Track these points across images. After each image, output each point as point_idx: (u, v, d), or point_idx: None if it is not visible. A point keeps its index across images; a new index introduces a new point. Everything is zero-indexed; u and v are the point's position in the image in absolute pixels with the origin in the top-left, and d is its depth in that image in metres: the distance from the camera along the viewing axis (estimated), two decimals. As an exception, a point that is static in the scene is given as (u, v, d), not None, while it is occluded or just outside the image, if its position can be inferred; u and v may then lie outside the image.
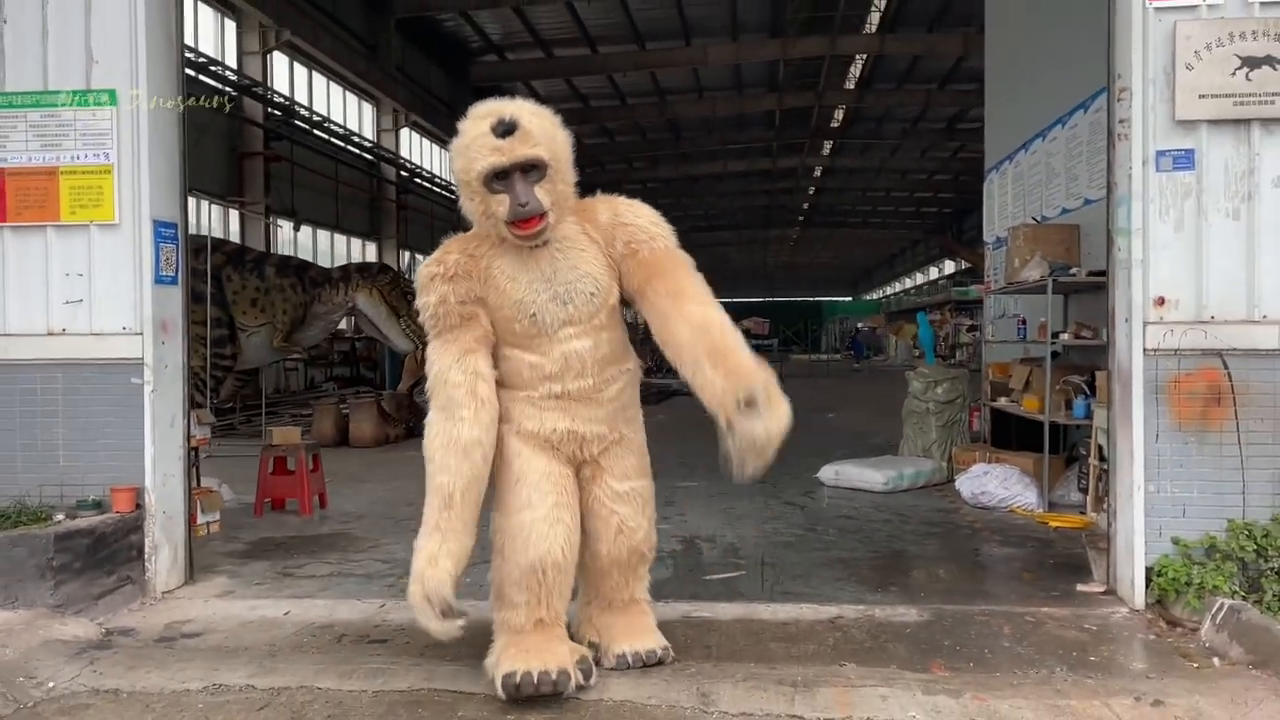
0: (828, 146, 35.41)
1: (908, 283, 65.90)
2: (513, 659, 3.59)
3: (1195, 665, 4.07)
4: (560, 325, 3.56)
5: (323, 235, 23.39)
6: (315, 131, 21.60)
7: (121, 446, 5.09)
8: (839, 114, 31.46)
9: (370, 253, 25.43)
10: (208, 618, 4.82)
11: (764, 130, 32.67)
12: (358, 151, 24.03)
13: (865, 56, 25.73)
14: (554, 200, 3.47)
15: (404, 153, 26.68)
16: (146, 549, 5.08)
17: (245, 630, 4.63)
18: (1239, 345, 4.68)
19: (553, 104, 3.35)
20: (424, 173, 27.92)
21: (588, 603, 4.03)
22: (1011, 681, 3.90)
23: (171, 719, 3.64)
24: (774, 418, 3.26)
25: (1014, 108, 10.52)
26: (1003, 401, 8.78)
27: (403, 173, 26.51)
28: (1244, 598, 4.42)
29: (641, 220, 3.65)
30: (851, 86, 28.42)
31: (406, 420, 13.33)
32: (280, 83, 20.56)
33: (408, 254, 26.93)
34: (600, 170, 40.17)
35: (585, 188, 3.76)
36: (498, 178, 3.38)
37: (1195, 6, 4.71)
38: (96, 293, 5.12)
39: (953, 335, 31.72)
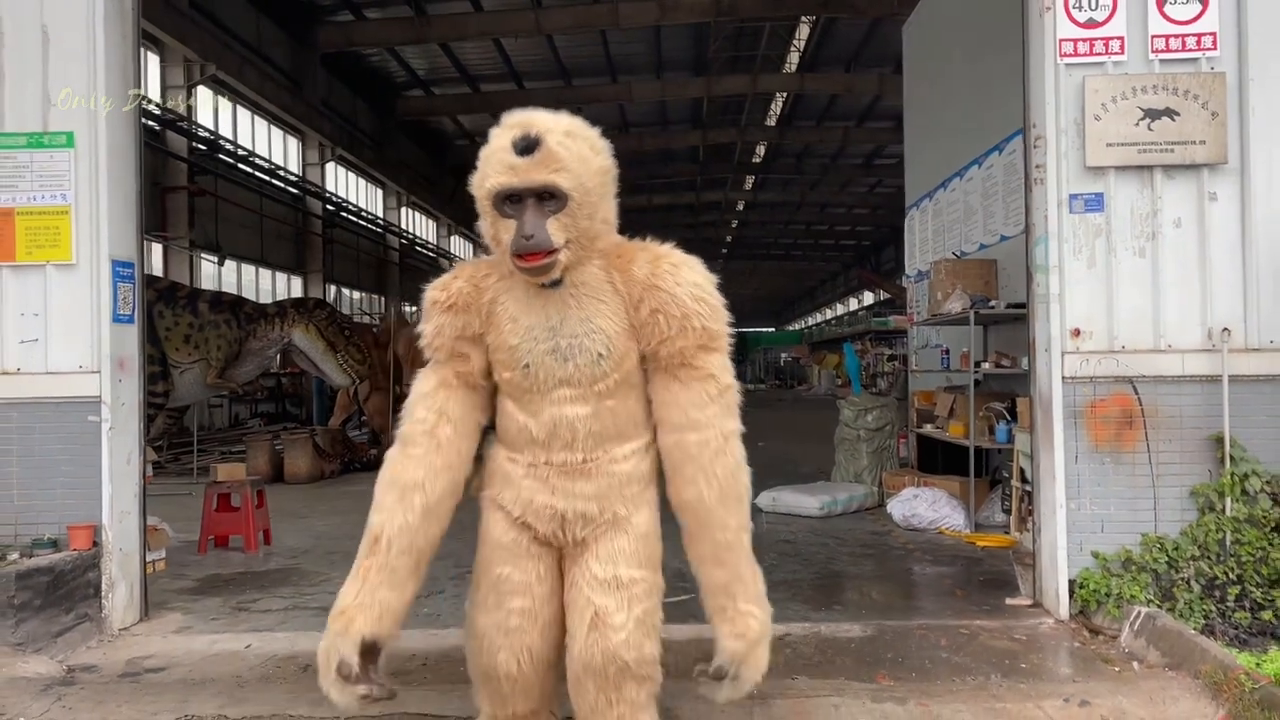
0: (750, 181, 36.27)
1: (829, 313, 67.34)
2: None
3: (1117, 669, 4.41)
4: (556, 384, 2.99)
5: (248, 270, 23.10)
6: (240, 165, 21.41)
7: (78, 484, 5.11)
8: (761, 149, 32.29)
9: (296, 287, 25.17)
10: (169, 653, 4.85)
11: (688, 165, 33.35)
12: (283, 185, 23.83)
13: (786, 94, 26.55)
14: (572, 237, 2.88)
15: (330, 187, 26.53)
16: (104, 586, 5.09)
17: (209, 664, 4.68)
18: (1147, 372, 5.10)
19: (479, 138, 2.91)
20: (350, 207, 27.78)
21: None
22: (951, 688, 4.19)
23: (147, 751, 3.70)
24: (740, 687, 3.01)
25: (933, 148, 11.05)
26: (929, 428, 9.20)
27: (329, 207, 26.35)
28: (1159, 606, 4.80)
29: (681, 290, 2.95)
30: (773, 123, 29.25)
31: (341, 456, 13.30)
32: (204, 116, 20.37)
33: (334, 288, 26.73)
34: (526, 204, 40.50)
35: None
36: (509, 200, 2.85)
37: (1102, 62, 5.16)
38: (53, 332, 5.15)
39: (874, 365, 32.56)
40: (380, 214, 30.20)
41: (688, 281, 2.97)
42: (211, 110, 20.79)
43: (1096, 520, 5.11)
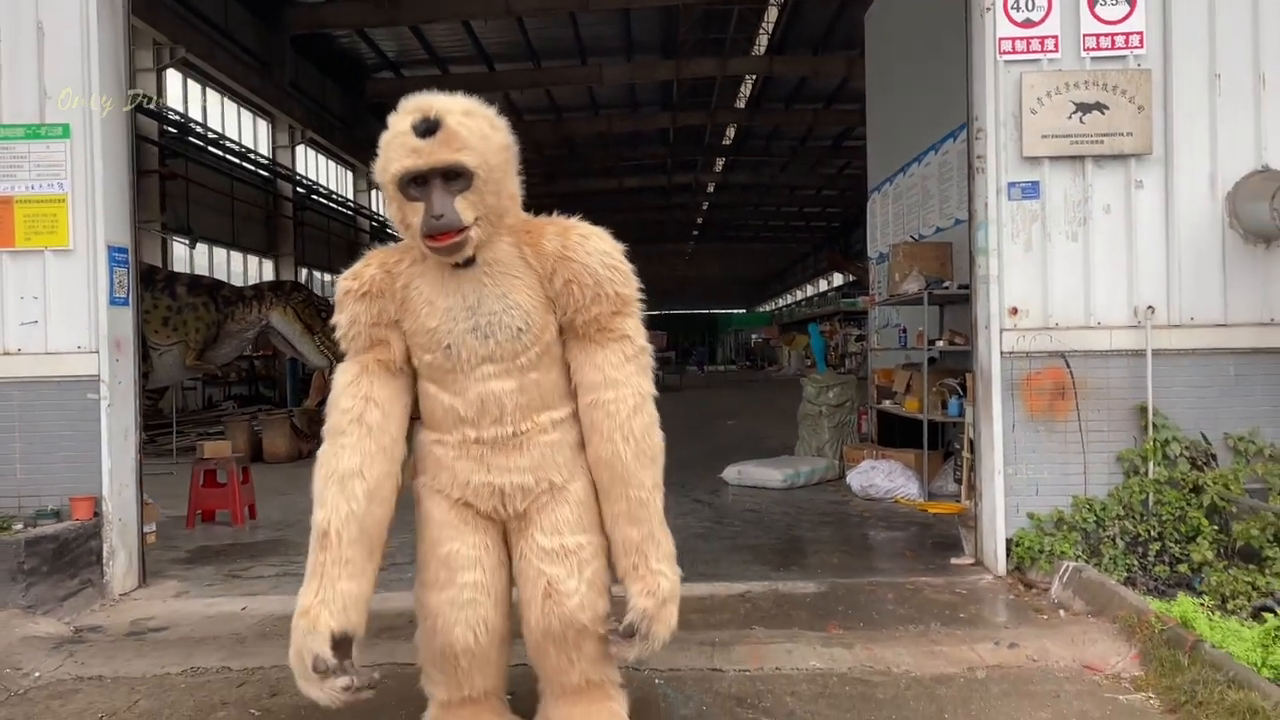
0: (720, 163, 36.56)
1: (799, 295, 67.92)
2: None
3: (1045, 617, 4.84)
4: (479, 362, 3.03)
5: (219, 253, 23.16)
6: (210, 148, 21.45)
7: (78, 458, 5.40)
8: (731, 132, 32.59)
9: (267, 270, 25.24)
10: (169, 615, 5.17)
11: (659, 147, 33.59)
12: (253, 168, 23.88)
13: (755, 77, 26.84)
14: (481, 214, 2.92)
15: (300, 169, 26.57)
16: (105, 554, 5.40)
17: (209, 624, 5.01)
18: (1078, 347, 5.52)
19: None
20: (321, 189, 27.83)
21: (543, 689, 3.35)
22: (894, 635, 4.60)
23: (158, 699, 4.03)
24: (649, 646, 3.03)
25: (892, 135, 11.45)
26: (887, 404, 9.63)
27: (299, 189, 26.40)
28: (1086, 561, 5.23)
29: (593, 259, 3.04)
30: (742, 106, 29.53)
31: (318, 436, 13.53)
32: (174, 99, 20.39)
33: (305, 271, 26.81)
34: (497, 186, 40.59)
35: None
36: (414, 183, 2.88)
37: (1037, 60, 5.54)
38: (51, 314, 5.42)
39: (842, 345, 33.08)
40: (351, 196, 30.25)
41: (598, 250, 3.06)
42: (181, 93, 20.81)
43: (1031, 484, 5.53)
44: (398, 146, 2.89)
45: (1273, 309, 5.49)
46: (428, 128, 2.84)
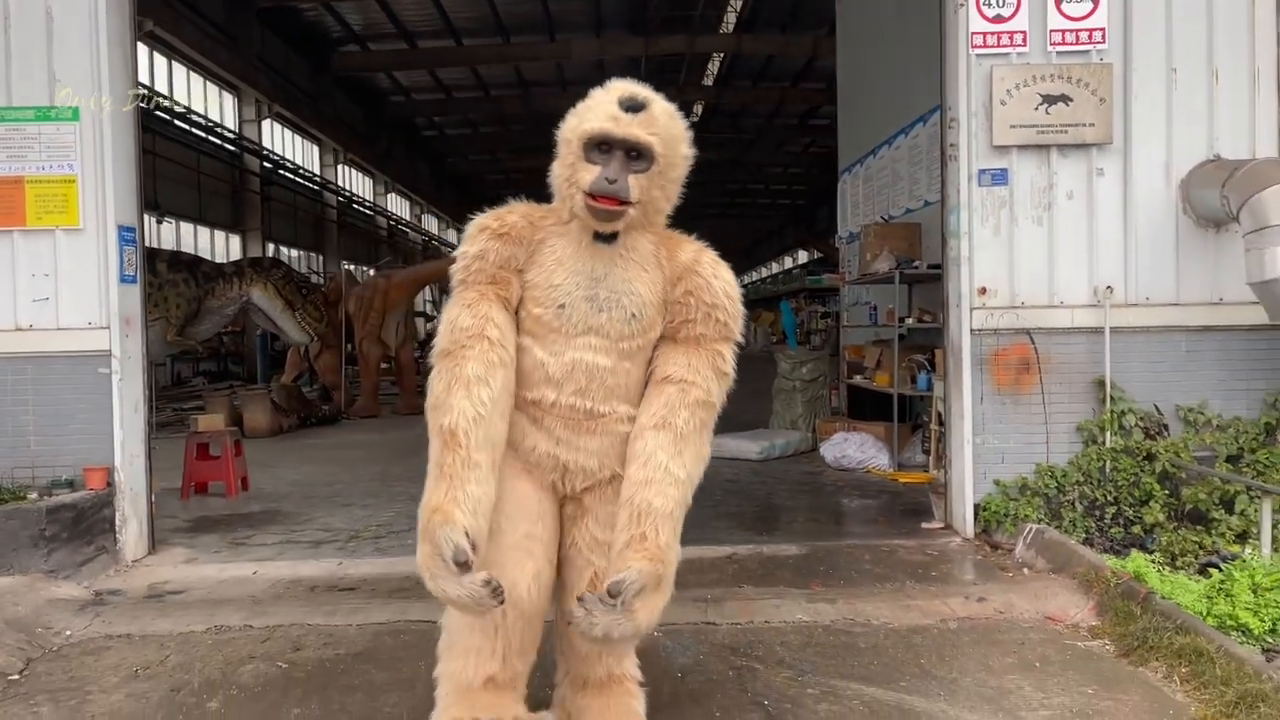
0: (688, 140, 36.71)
1: (765, 272, 68.36)
2: (455, 707, 3.08)
3: (1010, 575, 5.23)
4: (584, 330, 3.03)
5: (186, 228, 23.04)
6: (177, 122, 21.31)
7: (90, 430, 5.60)
8: (698, 109, 32.77)
9: (234, 245, 25.15)
10: (183, 579, 5.41)
11: (627, 124, 33.65)
12: (219, 143, 23.73)
13: (723, 55, 27.05)
14: (644, 200, 3.02)
15: (267, 144, 26.42)
16: (118, 522, 5.61)
17: (223, 587, 5.25)
18: (1042, 325, 5.89)
19: (416, 94, 3.04)
20: (288, 164, 27.70)
21: (562, 680, 3.35)
22: (872, 592, 4.97)
23: (186, 654, 4.29)
24: (626, 623, 2.84)
25: (864, 118, 11.78)
26: (858, 379, 10.01)
27: (266, 164, 26.27)
28: (1048, 523, 5.62)
29: (717, 283, 3.14)
30: (710, 83, 29.73)
31: (298, 411, 13.74)
32: (141, 73, 20.21)
33: (272, 246, 26.71)
34: (463, 160, 40.54)
35: (453, 178, 3.08)
36: (600, 147, 2.96)
37: (1007, 53, 5.87)
38: (62, 291, 5.60)
39: (808, 322, 33.52)
40: (318, 171, 30.10)
41: (724, 278, 3.16)
42: (148, 67, 20.64)
43: (998, 453, 5.91)
44: (599, 111, 2.98)
45: (1222, 289, 5.88)
46: (635, 105, 2.96)
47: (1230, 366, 5.88)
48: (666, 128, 3.02)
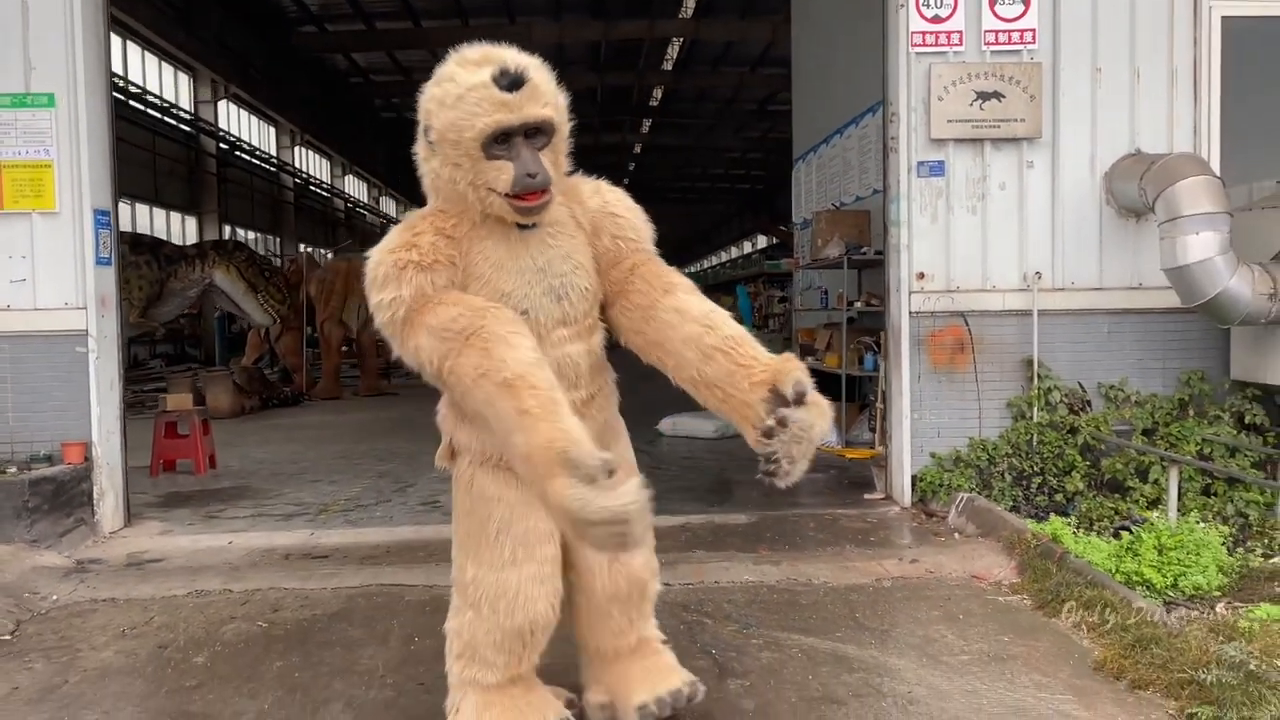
0: (647, 124, 36.99)
1: (724, 256, 68.82)
2: (499, 713, 3.01)
3: (943, 539, 5.64)
4: (555, 325, 2.87)
5: (141, 209, 22.89)
6: (132, 103, 21.15)
7: (68, 407, 5.81)
8: (658, 93, 33.03)
9: (190, 227, 25.02)
10: (161, 549, 5.65)
11: (587, 107, 33.81)
12: (175, 124, 23.58)
13: (682, 39, 27.30)
14: (554, 173, 2.83)
15: (224, 125, 26.26)
16: (95, 495, 5.84)
17: (201, 555, 5.51)
18: (976, 308, 6.29)
19: (374, 75, 2.72)
20: (245, 145, 27.55)
21: (589, 662, 3.27)
22: (815, 555, 5.35)
23: (169, 615, 4.55)
24: (823, 411, 2.72)
25: (817, 107, 12.12)
26: (809, 360, 10.38)
27: (222, 145, 26.12)
28: (979, 493, 6.03)
29: (632, 215, 3.05)
30: (669, 68, 29.98)
31: (260, 393, 13.88)
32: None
33: (229, 228, 26.58)
34: (422, 143, 40.39)
35: (411, 160, 2.91)
36: (497, 140, 2.70)
37: (944, 52, 6.24)
38: (40, 273, 5.79)
39: (765, 306, 33.97)
40: (274, 153, 29.94)
41: (633, 207, 3.08)
42: (103, 46, 20.45)
43: (934, 428, 6.31)
44: (480, 100, 2.67)
45: (1141, 275, 6.31)
46: (514, 81, 2.68)
47: (1148, 347, 6.33)
48: (552, 91, 2.81)
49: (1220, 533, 5.01)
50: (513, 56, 2.76)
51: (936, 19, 6.18)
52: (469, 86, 2.69)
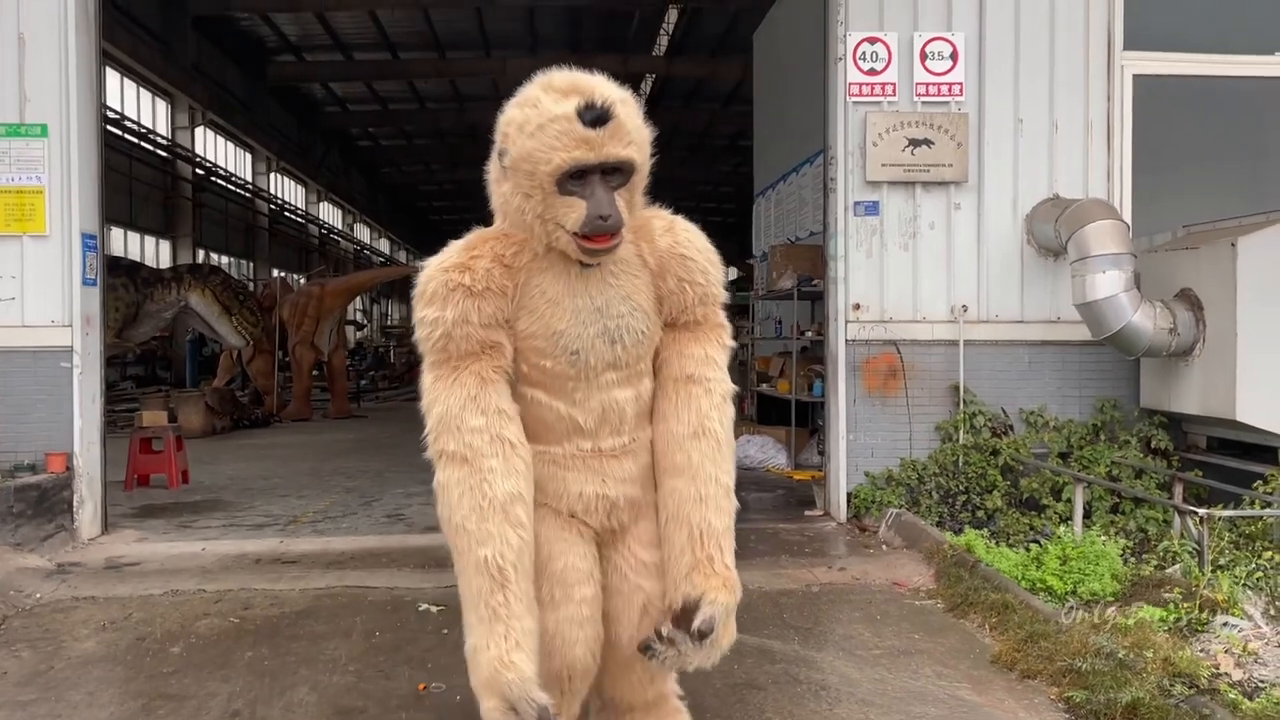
0: (620, 157, 37.52)
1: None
2: None
3: (872, 551, 6.08)
4: (605, 369, 2.75)
5: (116, 233, 23.09)
6: (110, 128, 21.43)
7: (51, 419, 6.15)
8: (631, 127, 33.57)
9: (165, 251, 25.25)
10: (138, 554, 5.98)
11: (561, 140, 34.36)
12: (151, 149, 23.86)
13: (655, 75, 27.95)
14: (629, 214, 2.67)
15: (200, 151, 26.56)
16: (75, 503, 6.16)
17: (175, 560, 5.85)
18: (907, 337, 6.78)
19: (351, 105, 2.85)
20: (221, 171, 27.84)
21: (600, 709, 3.16)
22: (752, 564, 5.76)
23: (147, 611, 4.89)
24: (715, 650, 2.76)
25: (776, 146, 12.69)
26: (764, 387, 10.87)
27: (198, 171, 26.41)
28: (908, 509, 6.49)
29: (701, 258, 2.85)
30: (642, 103, 30.60)
31: (231, 413, 14.16)
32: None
33: (203, 253, 26.82)
34: (396, 170, 40.86)
35: (387, 188, 2.91)
36: (573, 177, 2.55)
37: (879, 102, 6.76)
38: (28, 292, 6.14)
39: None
40: (250, 179, 30.24)
41: (704, 247, 2.88)
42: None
43: (868, 448, 6.78)
44: (562, 134, 2.51)
45: (1059, 309, 6.82)
46: (599, 116, 2.51)
47: (1066, 376, 6.84)
48: (638, 128, 2.63)
49: (1119, 545, 5.48)
50: (601, 88, 2.57)
51: (872, 71, 6.71)
52: (551, 117, 2.53)
